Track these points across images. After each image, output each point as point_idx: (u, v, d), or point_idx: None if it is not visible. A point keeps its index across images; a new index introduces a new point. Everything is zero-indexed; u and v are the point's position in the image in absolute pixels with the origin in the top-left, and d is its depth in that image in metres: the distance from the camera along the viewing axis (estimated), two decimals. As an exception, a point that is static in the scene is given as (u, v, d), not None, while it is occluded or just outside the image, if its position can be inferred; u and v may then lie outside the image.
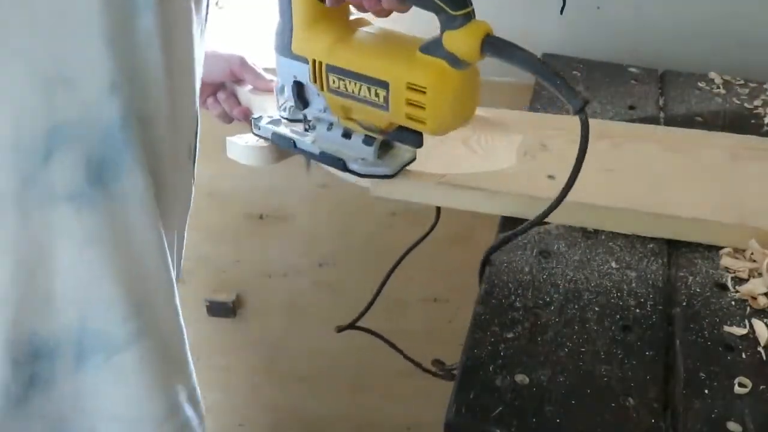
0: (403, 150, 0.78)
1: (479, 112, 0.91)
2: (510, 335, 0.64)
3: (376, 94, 0.69)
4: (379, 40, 0.72)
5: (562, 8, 0.99)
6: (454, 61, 0.65)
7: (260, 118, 0.83)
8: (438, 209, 0.85)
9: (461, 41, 0.64)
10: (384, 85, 0.68)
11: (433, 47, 0.66)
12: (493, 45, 0.64)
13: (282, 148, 0.82)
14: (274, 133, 0.81)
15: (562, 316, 0.66)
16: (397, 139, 0.76)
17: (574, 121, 0.65)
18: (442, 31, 0.65)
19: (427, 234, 0.90)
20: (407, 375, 1.49)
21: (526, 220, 0.77)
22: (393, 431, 1.62)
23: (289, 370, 1.58)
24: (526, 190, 0.77)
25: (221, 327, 1.54)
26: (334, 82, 0.72)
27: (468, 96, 0.70)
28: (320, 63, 0.72)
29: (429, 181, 0.77)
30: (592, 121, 0.95)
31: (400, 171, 0.77)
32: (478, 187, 0.77)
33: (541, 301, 0.68)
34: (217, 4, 1.30)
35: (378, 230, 1.34)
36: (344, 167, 0.77)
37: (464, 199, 0.77)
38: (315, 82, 0.73)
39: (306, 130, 0.80)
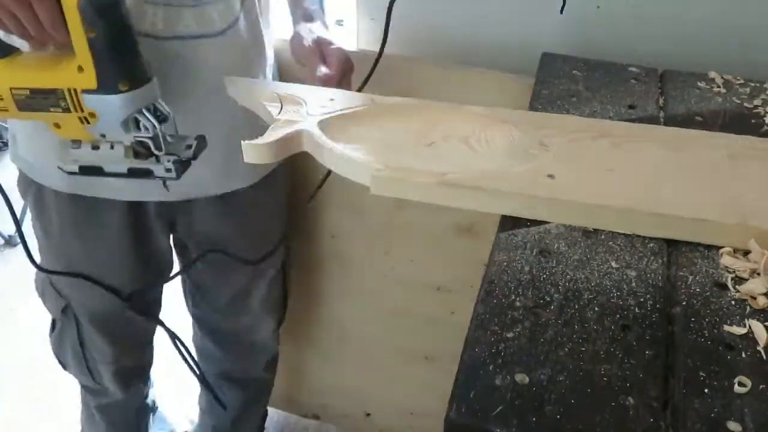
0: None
1: (480, 110, 0.92)
2: (510, 335, 0.64)
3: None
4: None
5: (562, 8, 0.99)
6: None
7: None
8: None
9: None
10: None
11: None
12: None
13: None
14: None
15: (562, 316, 0.66)
16: None
17: (575, 121, 0.65)
18: None
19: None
20: (412, 359, 1.51)
21: (527, 220, 0.77)
22: (396, 414, 1.63)
23: (295, 336, 1.59)
24: (526, 190, 0.77)
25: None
26: None
27: None
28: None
29: (429, 181, 0.77)
30: (592, 121, 0.96)
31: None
32: (478, 187, 0.77)
33: (541, 301, 0.68)
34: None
35: (387, 208, 1.35)
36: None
37: (464, 199, 0.77)
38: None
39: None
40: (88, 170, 0.89)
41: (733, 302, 0.68)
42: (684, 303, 0.68)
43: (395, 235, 1.38)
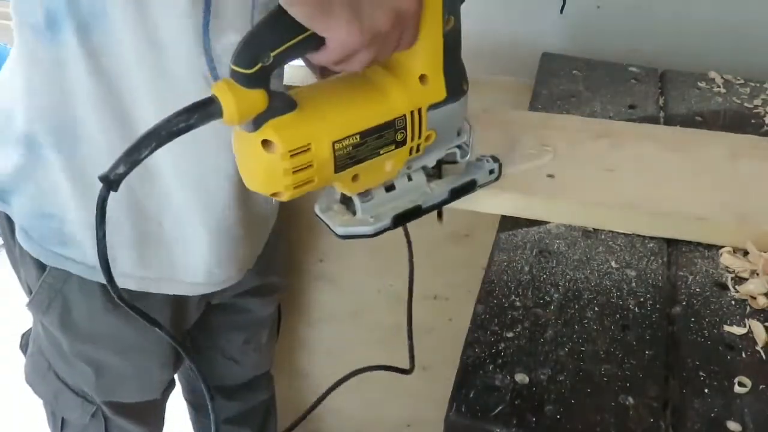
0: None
1: (479, 111, 0.92)
2: (510, 334, 0.64)
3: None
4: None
5: (562, 8, 0.99)
6: None
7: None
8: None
9: None
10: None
11: None
12: None
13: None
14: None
15: (562, 316, 0.66)
16: None
17: (575, 121, 0.65)
18: None
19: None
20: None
21: (526, 220, 0.77)
22: (393, 428, 1.62)
23: (290, 364, 1.58)
24: (526, 190, 0.77)
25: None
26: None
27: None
28: None
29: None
30: (592, 120, 0.95)
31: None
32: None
33: (541, 301, 0.68)
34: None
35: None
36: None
37: (464, 198, 0.77)
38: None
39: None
40: (403, 218, 0.69)
41: (733, 302, 0.68)
42: (684, 303, 0.68)
43: (388, 251, 1.37)
